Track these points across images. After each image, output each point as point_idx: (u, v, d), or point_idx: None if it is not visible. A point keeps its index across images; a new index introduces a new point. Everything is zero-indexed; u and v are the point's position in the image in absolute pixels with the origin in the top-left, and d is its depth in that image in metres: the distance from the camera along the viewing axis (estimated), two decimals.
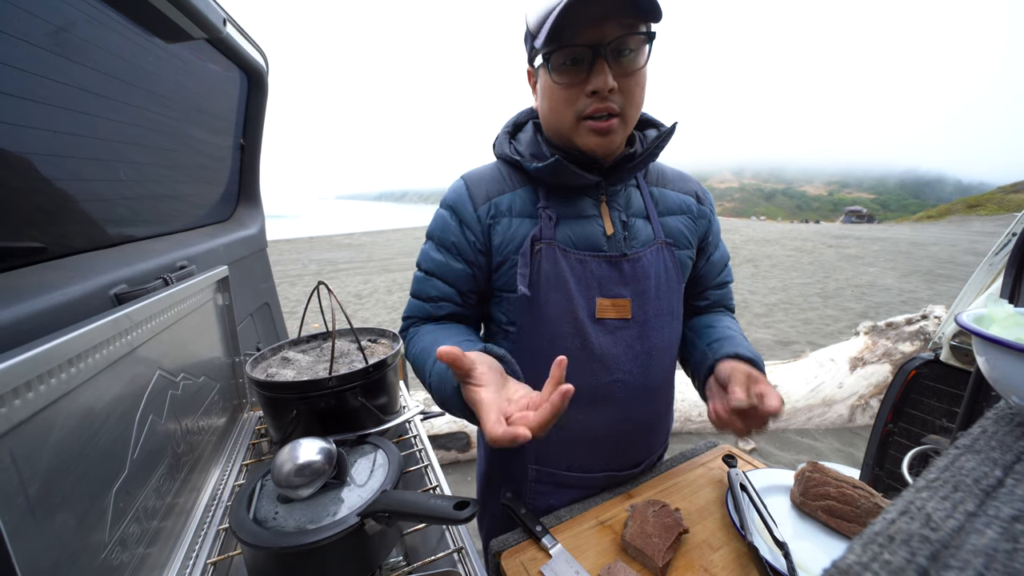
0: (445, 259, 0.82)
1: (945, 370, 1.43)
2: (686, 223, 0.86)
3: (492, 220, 0.80)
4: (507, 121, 0.88)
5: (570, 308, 0.77)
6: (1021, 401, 0.33)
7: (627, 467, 0.90)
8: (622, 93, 0.69)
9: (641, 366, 0.81)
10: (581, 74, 0.68)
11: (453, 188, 0.85)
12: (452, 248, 0.82)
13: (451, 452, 2.81)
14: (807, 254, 11.18)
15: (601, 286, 0.78)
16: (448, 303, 0.84)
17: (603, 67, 0.66)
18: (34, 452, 0.43)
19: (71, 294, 0.70)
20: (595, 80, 0.67)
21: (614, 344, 0.79)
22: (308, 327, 4.75)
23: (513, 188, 0.81)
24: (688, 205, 0.88)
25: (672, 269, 0.83)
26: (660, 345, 0.83)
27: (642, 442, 0.90)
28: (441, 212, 0.85)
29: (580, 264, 0.77)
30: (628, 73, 0.68)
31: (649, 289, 0.80)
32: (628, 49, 0.67)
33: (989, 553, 0.20)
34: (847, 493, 0.74)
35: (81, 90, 0.82)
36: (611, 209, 0.80)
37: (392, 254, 13.15)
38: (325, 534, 0.57)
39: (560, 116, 0.73)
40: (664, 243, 0.82)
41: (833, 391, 3.16)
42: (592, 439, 0.84)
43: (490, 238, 0.80)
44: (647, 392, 0.84)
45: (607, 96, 0.68)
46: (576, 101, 0.70)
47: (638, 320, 0.80)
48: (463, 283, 0.83)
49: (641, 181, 0.85)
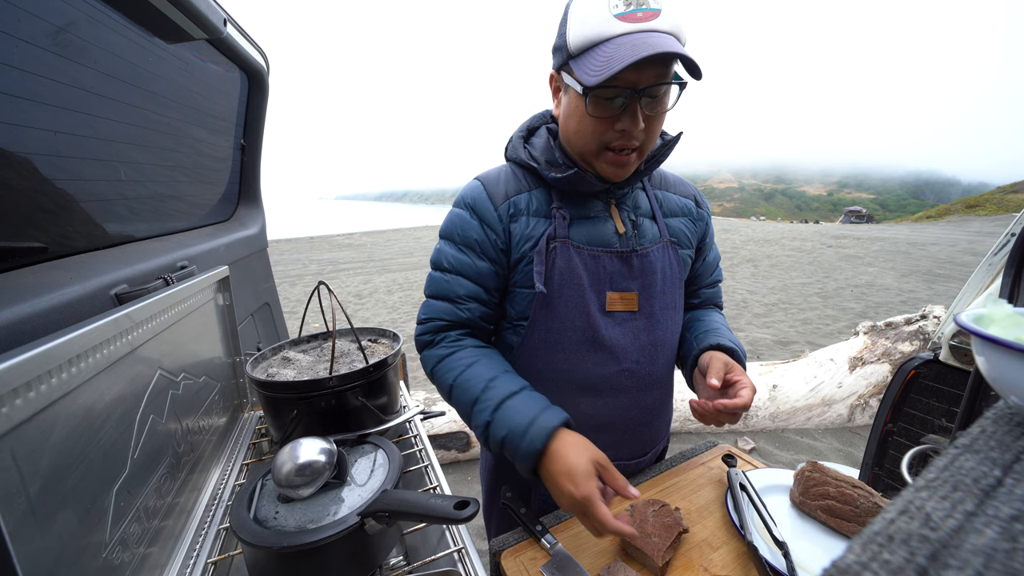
0: (469, 258, 0.83)
1: (944, 370, 1.43)
2: (687, 224, 0.92)
3: (511, 218, 0.83)
4: (521, 125, 0.92)
5: (582, 302, 0.81)
6: (1020, 401, 0.33)
7: (635, 456, 0.94)
8: (645, 131, 0.73)
9: (648, 356, 0.86)
10: (614, 110, 0.71)
11: (470, 188, 0.87)
12: (475, 246, 0.83)
13: (451, 452, 2.81)
14: (807, 254, 11.18)
15: (612, 280, 0.82)
16: (475, 302, 0.84)
17: (636, 109, 0.70)
18: (35, 452, 0.43)
19: (72, 294, 0.70)
20: (626, 121, 0.71)
21: (623, 335, 0.83)
22: (308, 327, 4.75)
23: (529, 189, 0.85)
24: (688, 208, 0.93)
25: (675, 266, 0.88)
26: (664, 337, 0.88)
27: (646, 431, 0.93)
28: (459, 212, 0.85)
29: (593, 260, 0.81)
30: (655, 115, 0.73)
31: (655, 284, 0.85)
32: (661, 92, 0.71)
33: (988, 553, 0.20)
34: (846, 493, 0.74)
35: (82, 90, 0.82)
36: (621, 210, 0.85)
37: (392, 254, 13.15)
38: (325, 534, 0.57)
39: (586, 141, 0.76)
40: (669, 242, 0.88)
41: (833, 391, 3.16)
42: (601, 427, 0.87)
43: (510, 235, 0.83)
44: (653, 382, 0.88)
45: (633, 134, 0.72)
46: (604, 133, 0.73)
47: (644, 313, 0.85)
48: (489, 280, 0.84)
49: (646, 184, 0.91)
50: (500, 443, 0.72)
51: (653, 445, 0.97)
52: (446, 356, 0.82)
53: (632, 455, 0.93)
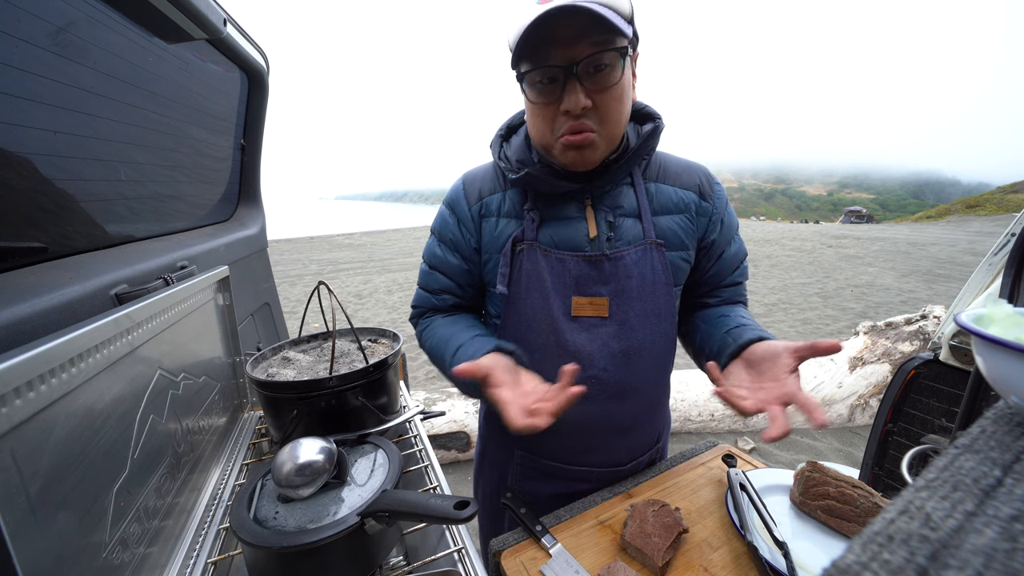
0: (444, 254, 0.88)
1: (944, 370, 1.43)
2: (682, 223, 0.82)
3: (482, 218, 0.84)
4: (503, 123, 0.88)
5: (545, 306, 0.80)
6: (1020, 401, 0.33)
7: (609, 464, 0.90)
8: (597, 110, 0.68)
9: (618, 364, 0.81)
10: (555, 93, 0.68)
11: (453, 186, 0.90)
12: (450, 244, 0.87)
13: (451, 452, 2.81)
14: (806, 254, 11.18)
15: (578, 284, 0.79)
16: (449, 295, 0.90)
17: (575, 87, 0.66)
18: (35, 452, 0.43)
19: (72, 294, 0.70)
20: (567, 100, 0.67)
21: (589, 342, 0.80)
22: (308, 327, 4.75)
23: (504, 189, 0.84)
24: (687, 203, 0.83)
25: (660, 271, 0.80)
26: (641, 345, 0.81)
27: (621, 441, 0.89)
28: (442, 209, 0.90)
29: (559, 263, 0.79)
30: (603, 89, 0.67)
31: (630, 288, 0.79)
32: (603, 65, 0.66)
33: (988, 553, 0.20)
34: (846, 493, 0.74)
35: (82, 90, 0.82)
36: (597, 211, 0.80)
37: (392, 254, 13.14)
38: (325, 534, 0.57)
39: (540, 132, 0.74)
40: (654, 243, 0.80)
41: (833, 391, 3.16)
42: (569, 432, 0.86)
43: (481, 235, 0.84)
44: (625, 391, 0.82)
45: (580, 115, 0.68)
46: (553, 119, 0.70)
47: (616, 319, 0.80)
48: (460, 277, 0.88)
49: (637, 178, 0.82)
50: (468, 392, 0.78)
51: (634, 457, 0.92)
52: (423, 330, 0.92)
53: (604, 463, 0.89)
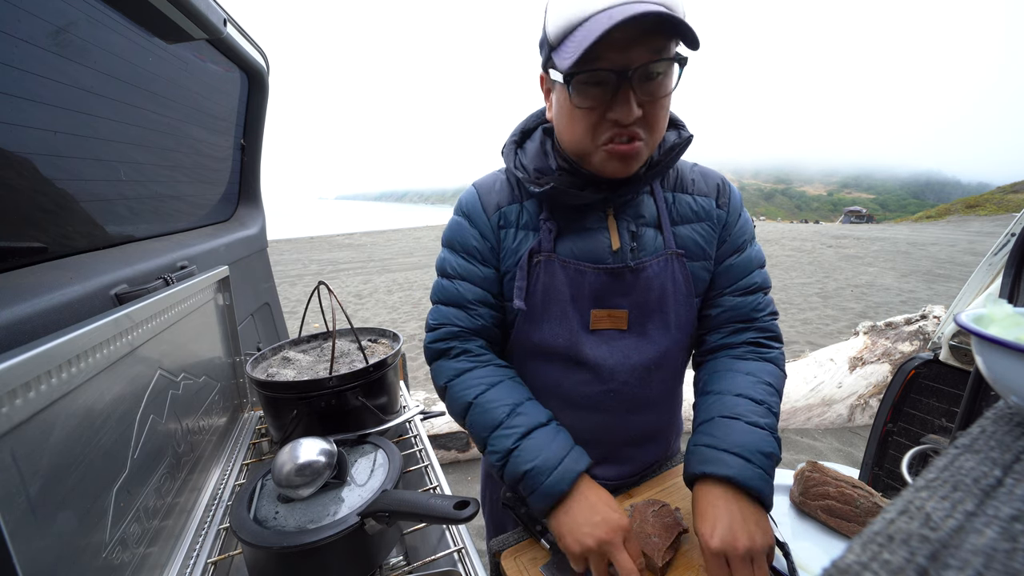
0: (472, 264, 0.81)
1: (944, 370, 1.43)
2: (703, 232, 0.79)
3: (501, 228, 0.80)
4: (515, 128, 0.84)
5: (564, 320, 0.77)
6: (1020, 401, 0.33)
7: (622, 476, 0.88)
8: (645, 119, 0.64)
9: (639, 378, 0.79)
10: (604, 98, 0.63)
11: (467, 195, 0.84)
12: (476, 253, 0.81)
13: (451, 452, 2.81)
14: (807, 254, 11.18)
15: (598, 297, 0.76)
16: (485, 307, 0.81)
17: (628, 95, 0.61)
18: (35, 452, 0.43)
19: (71, 294, 0.70)
20: (618, 109, 0.62)
21: (609, 355, 0.78)
22: (308, 327, 4.74)
23: (521, 200, 0.80)
24: (706, 210, 0.80)
25: (681, 281, 0.78)
26: (660, 357, 0.79)
27: (636, 452, 0.88)
28: (457, 219, 0.83)
29: (578, 275, 0.76)
30: (655, 99, 0.63)
31: (651, 300, 0.77)
32: (657, 73, 0.61)
33: (988, 553, 0.20)
34: (846, 493, 0.74)
35: (82, 90, 0.82)
36: (619, 221, 0.77)
37: (392, 254, 13.15)
38: (325, 534, 0.57)
39: (578, 139, 0.68)
40: (675, 254, 0.77)
41: (833, 391, 3.16)
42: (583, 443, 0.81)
43: (500, 246, 0.80)
44: (643, 404, 0.81)
45: (630, 123, 0.63)
46: (597, 126, 0.65)
47: (636, 331, 0.78)
48: (494, 286, 0.81)
49: (656, 187, 0.80)
50: (520, 475, 0.68)
51: (643, 468, 0.90)
52: (467, 371, 0.78)
53: (620, 475, 0.87)
